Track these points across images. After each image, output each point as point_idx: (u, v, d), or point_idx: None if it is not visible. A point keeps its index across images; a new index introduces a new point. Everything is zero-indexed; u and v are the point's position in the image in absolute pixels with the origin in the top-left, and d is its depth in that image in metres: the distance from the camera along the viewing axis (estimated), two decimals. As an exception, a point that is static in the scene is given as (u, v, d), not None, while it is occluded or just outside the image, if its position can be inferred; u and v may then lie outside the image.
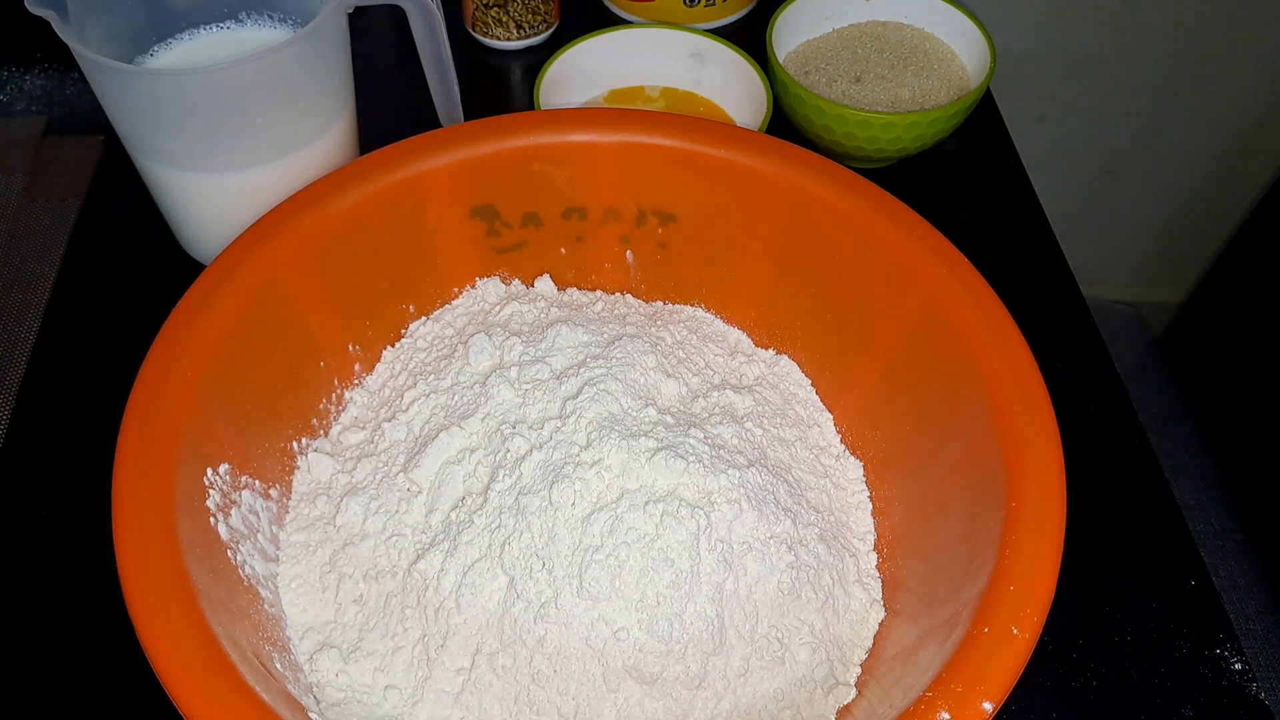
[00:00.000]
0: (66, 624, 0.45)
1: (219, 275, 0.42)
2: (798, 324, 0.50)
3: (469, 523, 0.41)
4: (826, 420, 0.49)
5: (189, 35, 0.51)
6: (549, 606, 0.39)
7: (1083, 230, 1.12)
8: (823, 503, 0.45)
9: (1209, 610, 0.48)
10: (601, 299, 0.52)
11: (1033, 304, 0.51)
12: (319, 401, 0.47)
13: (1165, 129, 1.05)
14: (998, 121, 0.69)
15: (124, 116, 0.48)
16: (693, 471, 0.41)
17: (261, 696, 0.33)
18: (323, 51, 0.48)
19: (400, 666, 0.40)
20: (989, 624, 0.34)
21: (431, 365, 0.48)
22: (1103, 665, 0.46)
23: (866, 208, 0.45)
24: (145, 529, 0.35)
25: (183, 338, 0.40)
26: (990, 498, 0.38)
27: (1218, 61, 0.98)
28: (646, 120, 0.48)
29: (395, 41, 0.70)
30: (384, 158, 0.47)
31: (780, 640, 0.40)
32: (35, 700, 0.43)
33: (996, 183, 0.65)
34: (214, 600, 0.35)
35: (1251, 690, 0.45)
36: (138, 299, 0.56)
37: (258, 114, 0.47)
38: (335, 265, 0.46)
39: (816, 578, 0.41)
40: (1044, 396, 0.39)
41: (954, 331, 0.42)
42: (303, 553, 0.43)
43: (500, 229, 0.50)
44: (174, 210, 0.54)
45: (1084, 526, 0.45)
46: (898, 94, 0.62)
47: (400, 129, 0.49)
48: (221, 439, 0.41)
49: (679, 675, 0.39)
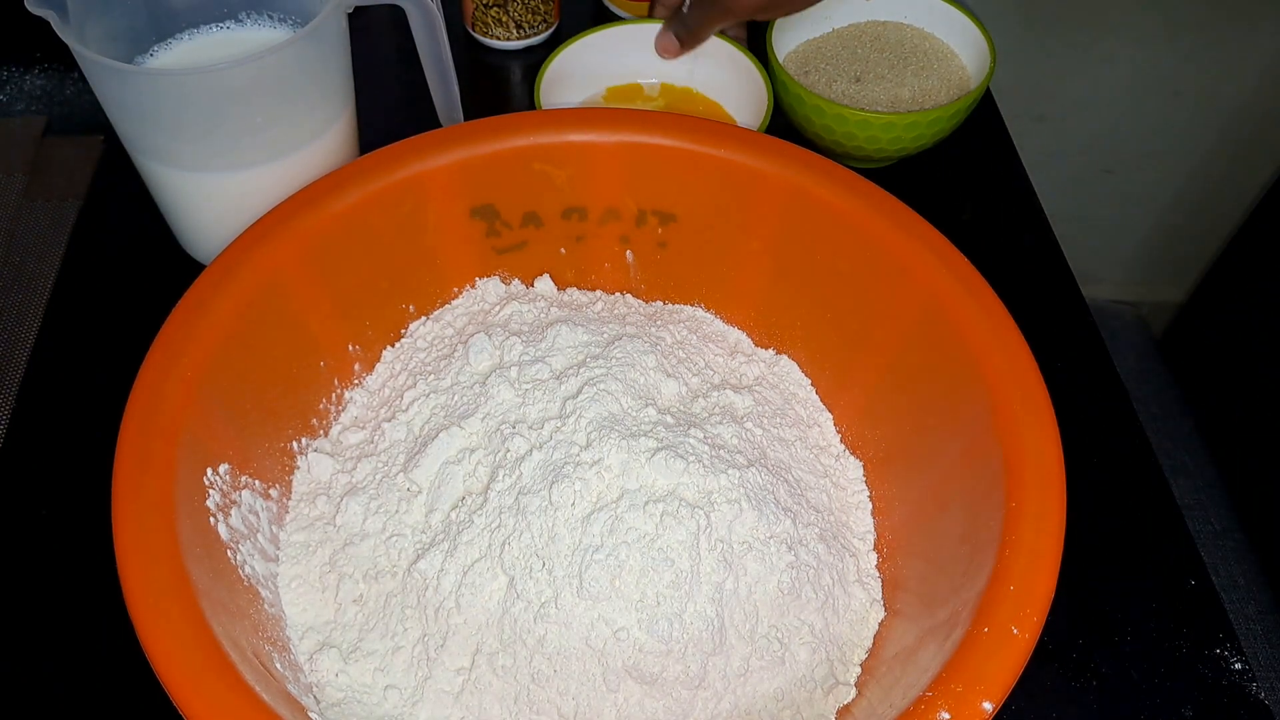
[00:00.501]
0: (66, 624, 0.45)
1: (219, 275, 0.42)
2: (798, 324, 0.50)
3: (469, 523, 0.41)
4: (826, 420, 0.49)
5: (189, 35, 0.51)
6: (549, 606, 0.39)
7: (1083, 230, 1.12)
8: (823, 502, 0.45)
9: (1209, 610, 0.48)
10: (601, 299, 0.52)
11: (1033, 304, 0.51)
12: (319, 401, 0.47)
13: (1165, 129, 1.05)
14: (998, 121, 0.69)
15: (124, 116, 0.48)
16: (693, 471, 0.41)
17: (261, 696, 0.33)
18: (323, 51, 0.48)
19: (400, 666, 0.40)
20: (989, 624, 0.34)
21: (431, 365, 0.48)
22: (1103, 665, 0.46)
23: (867, 208, 0.45)
24: (145, 529, 0.35)
25: (183, 338, 0.40)
26: (990, 497, 0.38)
27: (1218, 62, 0.98)
28: (647, 120, 0.48)
29: (395, 41, 0.70)
30: (384, 158, 0.47)
31: (780, 640, 0.40)
32: (35, 700, 0.43)
33: (996, 183, 0.65)
34: (214, 600, 0.35)
35: (1251, 690, 0.45)
36: (138, 299, 0.56)
37: (258, 114, 0.47)
38: (335, 265, 0.46)
39: (816, 577, 0.41)
40: (1044, 396, 0.39)
41: (954, 331, 0.42)
42: (303, 553, 0.43)
43: (500, 229, 0.50)
44: (174, 210, 0.54)
45: (1084, 526, 0.44)
46: (898, 94, 0.62)
47: (400, 129, 0.49)
48: (221, 439, 0.41)
49: (679, 675, 0.39)
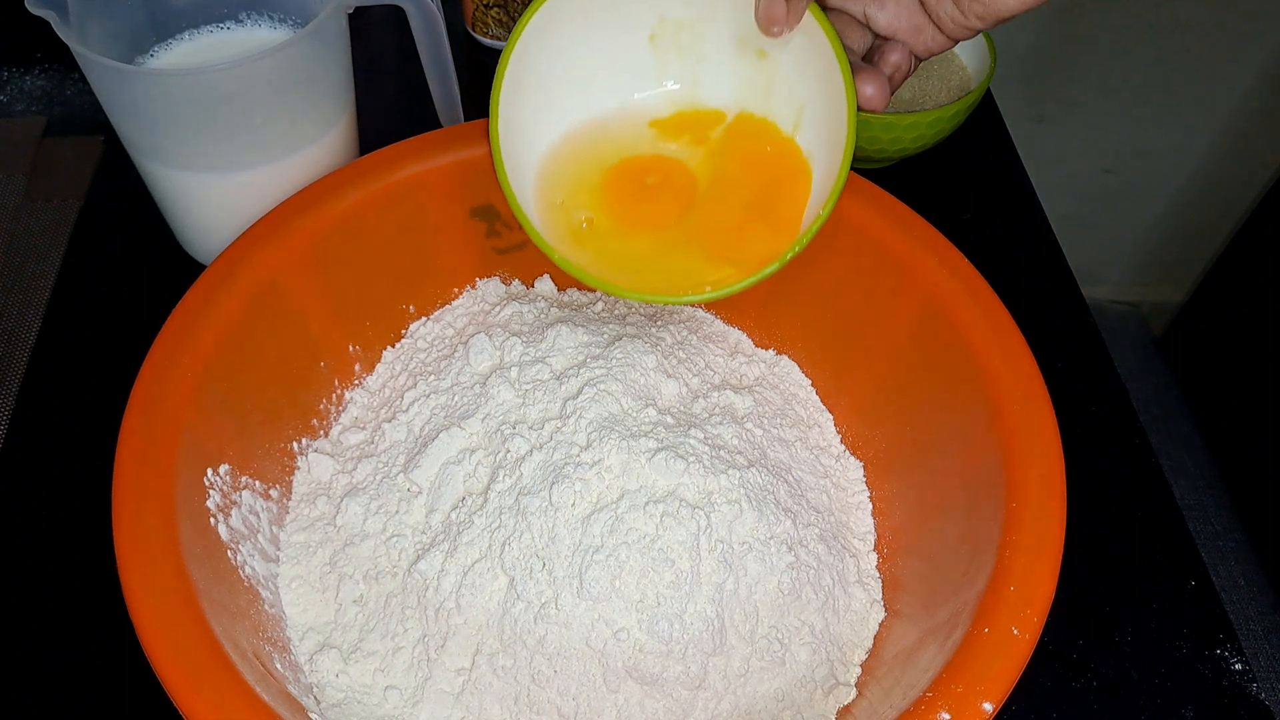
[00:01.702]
0: (67, 624, 0.45)
1: (219, 275, 0.42)
2: (798, 324, 0.50)
3: (469, 523, 0.41)
4: (827, 420, 0.49)
5: (189, 35, 0.51)
6: (549, 607, 0.39)
7: (1083, 230, 1.12)
8: (823, 503, 0.45)
9: (1209, 610, 0.48)
10: (601, 299, 0.52)
11: (1033, 304, 0.51)
12: (319, 402, 0.47)
13: (1165, 129, 1.05)
14: (998, 121, 0.69)
15: (124, 116, 0.48)
16: (693, 472, 0.41)
17: (262, 697, 0.33)
18: (323, 52, 0.48)
19: (400, 667, 0.40)
20: (989, 624, 0.34)
21: (431, 365, 0.48)
22: (1103, 665, 0.46)
23: (867, 208, 0.45)
24: (145, 529, 0.35)
25: (183, 338, 0.40)
26: (990, 498, 0.38)
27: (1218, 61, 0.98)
28: (646, 120, 0.48)
29: (395, 41, 0.70)
30: (384, 158, 0.47)
31: (780, 640, 0.40)
32: (35, 700, 0.43)
33: (996, 183, 0.65)
34: (214, 600, 0.35)
35: (1252, 691, 0.45)
36: (138, 299, 0.56)
37: (258, 114, 0.47)
38: (335, 265, 0.46)
39: (817, 578, 0.41)
40: (1044, 397, 0.39)
41: (954, 332, 0.42)
42: (303, 553, 0.43)
43: (500, 229, 0.50)
44: (174, 210, 0.54)
45: (1084, 526, 0.45)
46: (898, 94, 0.62)
47: (400, 129, 0.49)
48: (221, 439, 0.41)
49: (679, 676, 0.39)
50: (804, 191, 0.40)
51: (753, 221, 0.41)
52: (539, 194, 0.42)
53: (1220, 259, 1.05)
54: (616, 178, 0.42)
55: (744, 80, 0.41)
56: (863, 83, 0.38)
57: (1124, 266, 1.22)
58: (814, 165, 0.40)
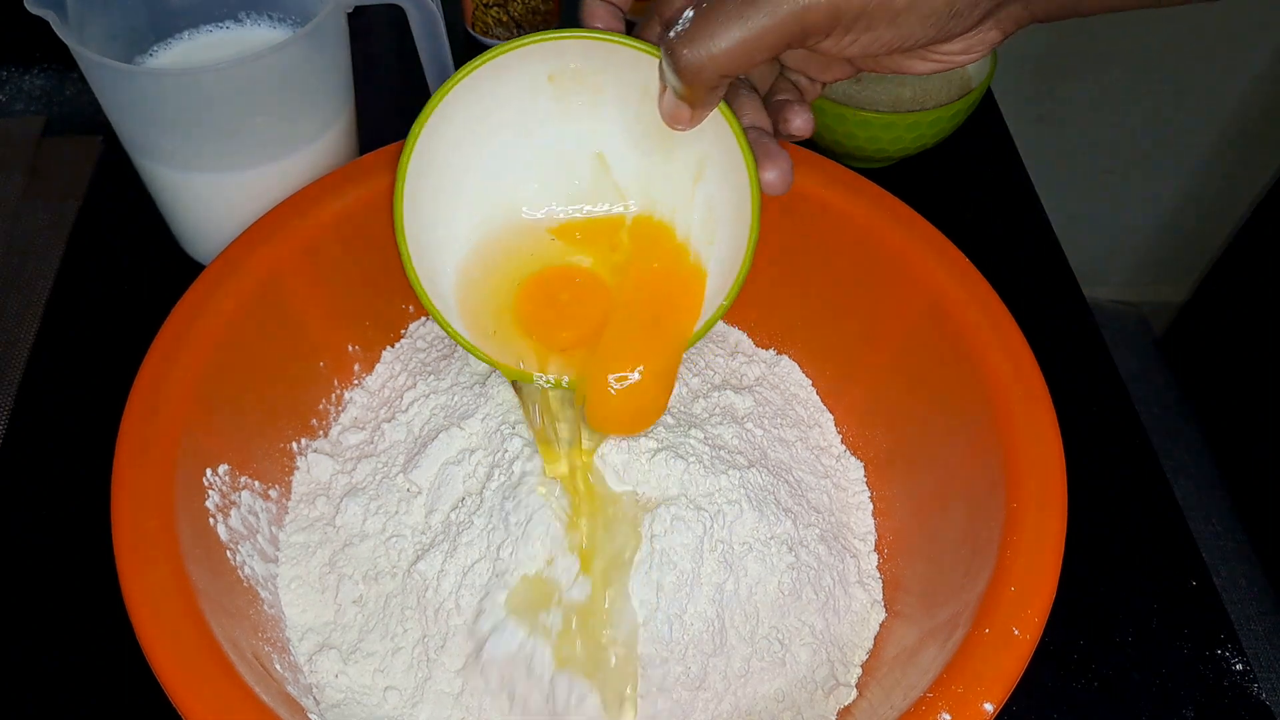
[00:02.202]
0: (66, 624, 0.45)
1: (219, 275, 0.42)
2: (798, 324, 0.50)
3: (469, 523, 0.41)
4: (827, 421, 0.49)
5: (189, 35, 0.51)
6: (549, 607, 0.39)
7: (1083, 230, 1.12)
8: (823, 503, 0.45)
9: (1210, 611, 0.48)
10: (601, 299, 0.52)
11: (1033, 304, 0.51)
12: (319, 402, 0.47)
13: (1165, 129, 1.05)
14: (998, 121, 0.69)
15: (123, 116, 0.48)
16: (693, 472, 0.41)
17: (261, 697, 0.33)
18: (323, 51, 0.48)
19: (400, 667, 0.40)
20: (990, 625, 0.34)
21: (431, 365, 0.48)
22: (1104, 666, 0.46)
23: (867, 208, 0.45)
24: (145, 529, 0.35)
25: (183, 338, 0.40)
26: (991, 498, 0.38)
27: (1218, 61, 0.98)
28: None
29: (395, 41, 0.70)
30: (384, 158, 0.47)
31: (781, 641, 0.40)
32: (36, 701, 0.43)
33: (996, 183, 0.65)
34: (213, 601, 0.35)
35: (1252, 691, 0.45)
36: (138, 299, 0.56)
37: (257, 114, 0.47)
38: (335, 265, 0.46)
39: (817, 578, 0.41)
40: (1045, 397, 0.39)
41: (955, 332, 0.42)
42: (302, 553, 0.43)
43: (500, 229, 0.50)
44: (174, 210, 0.54)
45: (1085, 527, 0.44)
46: (898, 94, 0.62)
47: (400, 129, 0.49)
48: (221, 439, 0.41)
49: (679, 676, 0.39)
50: (696, 303, 0.38)
51: (650, 339, 0.38)
52: (461, 303, 0.39)
53: (1220, 259, 1.05)
54: (529, 296, 0.40)
55: (641, 175, 0.39)
56: (764, 169, 0.35)
57: (1124, 266, 1.22)
58: (709, 265, 0.38)
